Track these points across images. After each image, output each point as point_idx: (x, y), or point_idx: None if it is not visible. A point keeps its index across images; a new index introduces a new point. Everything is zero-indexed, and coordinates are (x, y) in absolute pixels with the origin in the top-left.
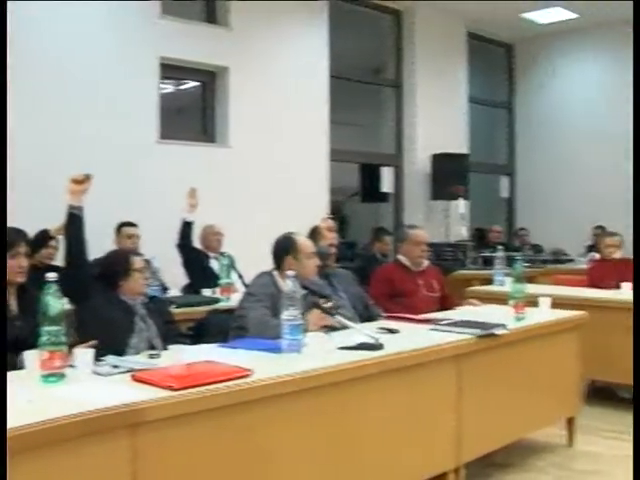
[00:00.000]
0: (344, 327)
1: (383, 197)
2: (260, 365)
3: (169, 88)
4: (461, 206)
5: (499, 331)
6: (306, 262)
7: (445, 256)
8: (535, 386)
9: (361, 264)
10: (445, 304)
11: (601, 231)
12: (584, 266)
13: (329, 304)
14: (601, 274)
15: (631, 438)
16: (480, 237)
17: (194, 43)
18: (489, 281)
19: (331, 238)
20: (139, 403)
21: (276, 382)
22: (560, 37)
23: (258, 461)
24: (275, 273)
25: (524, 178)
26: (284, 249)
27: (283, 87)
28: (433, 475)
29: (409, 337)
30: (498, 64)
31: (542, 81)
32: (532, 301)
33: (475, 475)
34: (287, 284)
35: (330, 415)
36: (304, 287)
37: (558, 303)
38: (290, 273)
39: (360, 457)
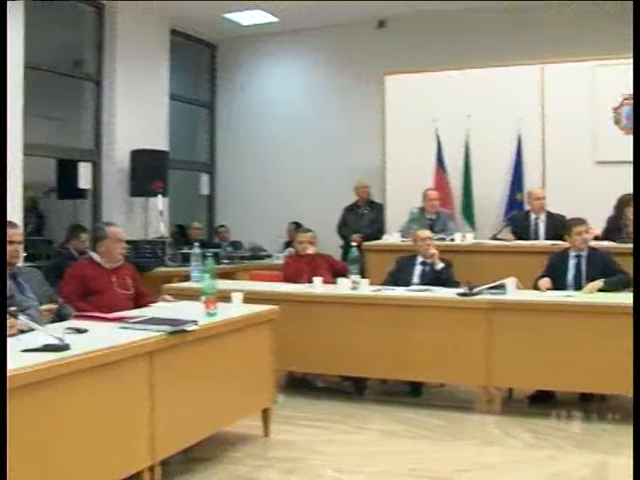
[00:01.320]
0: (31, 329)
1: (81, 193)
2: None
3: None
4: (160, 203)
5: (190, 327)
6: None
7: (144, 253)
8: (230, 380)
9: (57, 262)
10: (140, 302)
11: (295, 227)
12: (281, 262)
13: (13, 307)
14: (295, 269)
15: (326, 425)
16: (181, 234)
17: None
18: (188, 278)
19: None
20: None
21: None
22: (262, 39)
23: None
24: None
25: (224, 176)
26: None
27: None
28: (127, 475)
29: (98, 336)
30: (202, 63)
31: (244, 82)
32: (227, 297)
33: (175, 471)
34: None
35: (19, 419)
36: None
37: (254, 298)
38: None
39: (53, 460)
